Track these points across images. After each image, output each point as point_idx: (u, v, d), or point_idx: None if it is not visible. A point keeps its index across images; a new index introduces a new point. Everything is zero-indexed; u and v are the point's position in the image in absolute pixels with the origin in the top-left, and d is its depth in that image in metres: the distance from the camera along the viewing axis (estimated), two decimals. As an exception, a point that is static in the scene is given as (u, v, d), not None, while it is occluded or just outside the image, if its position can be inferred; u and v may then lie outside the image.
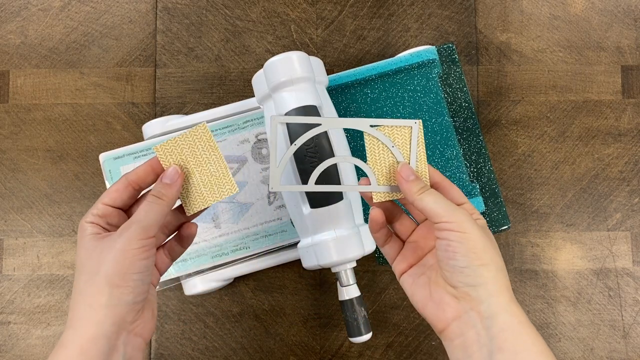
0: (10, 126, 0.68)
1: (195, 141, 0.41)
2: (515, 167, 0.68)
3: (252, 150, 0.60)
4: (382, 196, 0.43)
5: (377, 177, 0.42)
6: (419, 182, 0.40)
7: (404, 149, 0.42)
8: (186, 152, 0.41)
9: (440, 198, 0.39)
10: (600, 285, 0.66)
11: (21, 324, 0.65)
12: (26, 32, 0.69)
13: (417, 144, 0.42)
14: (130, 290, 0.36)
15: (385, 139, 0.42)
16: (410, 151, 0.42)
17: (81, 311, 0.36)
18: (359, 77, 0.62)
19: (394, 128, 0.42)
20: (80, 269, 0.37)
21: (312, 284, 0.66)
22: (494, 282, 0.38)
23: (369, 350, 0.65)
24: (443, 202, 0.39)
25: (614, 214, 0.67)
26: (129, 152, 0.60)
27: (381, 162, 0.42)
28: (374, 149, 0.42)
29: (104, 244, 0.37)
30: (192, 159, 0.41)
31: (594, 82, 0.69)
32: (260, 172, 0.60)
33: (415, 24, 0.70)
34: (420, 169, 0.42)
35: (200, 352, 0.65)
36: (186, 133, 0.41)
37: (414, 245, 0.44)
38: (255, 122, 0.61)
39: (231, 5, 0.69)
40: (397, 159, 0.42)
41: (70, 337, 0.36)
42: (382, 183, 0.42)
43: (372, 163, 0.42)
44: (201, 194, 0.42)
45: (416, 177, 0.41)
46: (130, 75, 0.69)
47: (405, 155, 0.42)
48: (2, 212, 0.66)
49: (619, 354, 0.65)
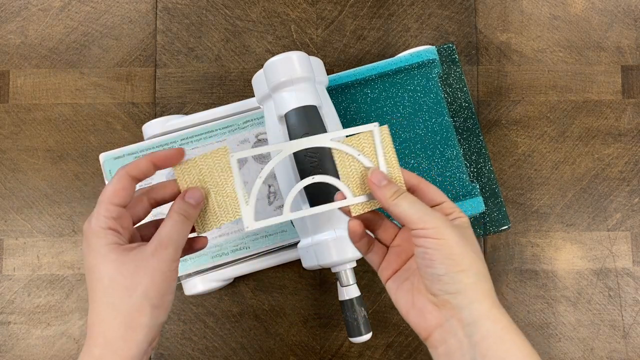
0: (10, 126, 0.68)
1: (215, 163, 0.41)
2: (515, 167, 0.68)
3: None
4: (360, 208, 0.41)
5: (352, 189, 0.41)
6: (392, 186, 0.39)
7: (372, 155, 0.41)
8: (205, 173, 0.41)
9: (416, 202, 0.38)
10: (600, 285, 0.66)
11: (21, 324, 0.65)
12: (26, 32, 0.69)
13: (383, 147, 0.41)
14: (165, 311, 0.36)
15: (350, 149, 0.41)
16: (377, 156, 0.41)
17: (117, 330, 0.34)
18: (359, 77, 0.62)
19: (358, 136, 0.41)
20: (104, 284, 0.35)
21: (312, 284, 0.66)
22: (473, 288, 0.37)
23: (369, 350, 0.65)
24: (418, 207, 0.38)
25: (614, 214, 0.67)
26: (129, 152, 0.60)
27: (353, 174, 0.41)
28: (343, 162, 0.41)
29: (137, 261, 0.35)
30: (210, 179, 0.41)
31: (594, 82, 0.69)
32: (259, 171, 0.60)
33: (415, 24, 0.70)
34: (393, 173, 0.41)
35: (200, 352, 0.65)
36: (207, 154, 0.41)
37: (398, 250, 0.43)
38: (255, 122, 0.61)
39: (231, 5, 0.69)
40: (366, 166, 0.41)
41: (106, 356, 0.34)
42: (358, 194, 0.41)
43: (344, 177, 0.41)
44: (215, 214, 0.41)
45: (389, 182, 0.39)
46: (131, 75, 0.69)
47: (374, 161, 0.41)
48: (2, 212, 0.66)
49: (619, 354, 0.65)
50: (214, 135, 0.60)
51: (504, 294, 0.66)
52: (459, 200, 0.59)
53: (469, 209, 0.59)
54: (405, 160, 0.61)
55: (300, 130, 0.51)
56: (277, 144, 0.42)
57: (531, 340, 0.65)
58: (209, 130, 0.61)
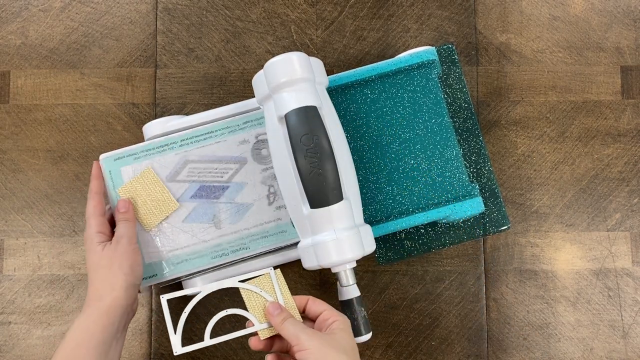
0: (10, 127, 0.68)
1: (145, 180, 0.59)
2: (514, 167, 0.68)
3: (251, 151, 0.60)
4: (266, 332, 0.52)
5: (258, 318, 0.52)
6: (282, 314, 0.50)
7: (271, 291, 0.53)
8: (139, 189, 0.59)
9: (298, 326, 0.48)
10: (600, 285, 0.66)
11: (22, 324, 0.65)
12: (27, 33, 0.69)
13: (279, 284, 0.53)
14: (134, 276, 0.54)
15: (254, 287, 0.53)
16: (275, 291, 0.53)
17: (105, 290, 0.53)
18: (358, 77, 0.62)
19: (259, 278, 0.54)
20: (95, 267, 0.54)
21: (312, 284, 0.66)
22: None
23: (369, 350, 0.65)
24: (300, 330, 0.48)
25: (614, 214, 0.67)
26: (129, 153, 0.60)
27: (258, 306, 0.53)
28: (250, 297, 0.53)
29: (110, 250, 0.54)
30: (144, 192, 0.59)
31: (594, 82, 0.69)
32: (260, 172, 0.60)
33: (415, 25, 0.70)
34: (287, 302, 0.52)
35: (200, 351, 0.65)
36: (137, 177, 0.59)
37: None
38: (255, 123, 0.61)
39: (231, 6, 0.70)
40: (267, 299, 0.53)
41: (96, 304, 0.52)
42: (263, 322, 0.52)
43: (251, 308, 0.53)
44: (153, 214, 0.59)
45: (281, 311, 0.51)
46: (131, 76, 0.69)
47: (273, 295, 0.53)
48: (3, 212, 0.67)
49: (619, 354, 0.66)
50: (214, 137, 0.61)
51: (504, 294, 0.66)
52: (459, 201, 0.60)
53: (469, 209, 0.60)
54: (405, 161, 0.61)
55: (300, 130, 0.51)
56: (197, 288, 0.55)
57: (531, 340, 0.66)
58: (209, 131, 0.61)
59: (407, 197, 0.60)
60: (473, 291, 0.66)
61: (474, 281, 0.66)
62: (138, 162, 0.60)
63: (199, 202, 0.60)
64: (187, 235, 0.59)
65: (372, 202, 0.61)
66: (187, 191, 0.60)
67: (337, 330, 0.48)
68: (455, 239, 0.63)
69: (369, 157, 0.61)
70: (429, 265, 0.66)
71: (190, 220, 0.59)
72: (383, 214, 0.60)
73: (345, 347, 0.47)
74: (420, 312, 0.66)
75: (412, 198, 0.60)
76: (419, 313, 0.66)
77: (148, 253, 0.59)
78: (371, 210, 0.60)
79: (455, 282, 0.66)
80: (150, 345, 0.66)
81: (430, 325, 0.66)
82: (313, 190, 0.51)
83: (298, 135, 0.51)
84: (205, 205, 0.59)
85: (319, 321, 0.51)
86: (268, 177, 0.60)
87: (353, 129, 0.62)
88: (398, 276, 0.66)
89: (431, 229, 0.63)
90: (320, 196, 0.51)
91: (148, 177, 0.60)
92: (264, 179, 0.60)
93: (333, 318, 0.50)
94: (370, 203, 0.60)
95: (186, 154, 0.60)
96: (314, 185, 0.51)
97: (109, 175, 0.60)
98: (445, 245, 0.63)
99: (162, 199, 0.59)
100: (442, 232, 0.63)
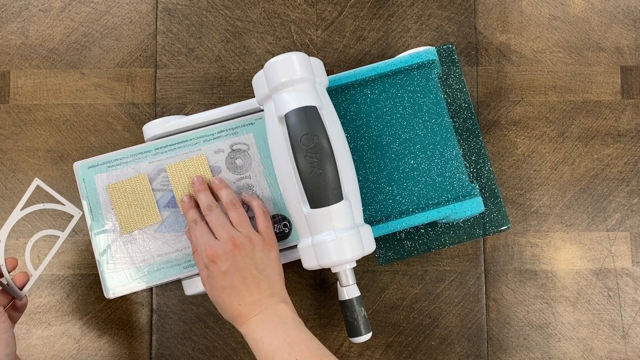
0: (11, 126, 0.68)
1: (137, 185, 0.59)
2: (514, 167, 0.68)
3: (226, 160, 0.60)
4: None
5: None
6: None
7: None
8: (129, 190, 0.59)
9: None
10: (600, 285, 0.67)
11: (22, 324, 0.65)
12: (27, 33, 0.69)
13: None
14: (5, 344, 0.53)
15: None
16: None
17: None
18: (359, 77, 0.62)
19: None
20: None
21: (312, 284, 0.66)
22: None
23: (369, 350, 0.66)
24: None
25: (614, 214, 0.67)
26: (103, 161, 0.59)
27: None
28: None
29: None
30: (133, 195, 0.59)
31: (594, 82, 0.69)
32: (234, 182, 0.59)
33: (415, 25, 0.70)
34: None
35: (200, 352, 0.65)
36: (130, 179, 0.59)
37: None
38: (230, 132, 0.60)
39: (231, 6, 0.70)
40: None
41: None
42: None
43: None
44: (134, 220, 0.58)
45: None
46: (131, 76, 0.69)
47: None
48: (3, 212, 0.67)
49: (619, 354, 0.66)
50: (188, 145, 0.60)
51: (504, 294, 0.66)
52: (459, 201, 0.60)
53: (469, 209, 0.60)
54: (405, 161, 0.61)
55: (300, 130, 0.51)
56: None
57: (531, 340, 0.66)
58: (184, 139, 0.59)
59: (407, 197, 0.60)
60: (473, 291, 0.66)
61: (474, 281, 0.66)
62: (111, 170, 0.59)
63: (171, 212, 0.59)
64: (159, 244, 0.59)
65: (372, 202, 0.61)
66: (160, 200, 0.59)
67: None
68: (455, 239, 0.63)
69: (369, 157, 0.61)
70: (429, 265, 0.66)
71: (162, 229, 0.59)
72: (383, 214, 0.60)
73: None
74: (420, 312, 0.66)
75: (412, 198, 0.60)
76: (419, 313, 0.66)
77: (119, 260, 0.58)
78: (371, 210, 0.60)
79: (455, 282, 0.66)
80: (151, 345, 0.66)
81: (430, 325, 0.66)
82: (313, 190, 0.52)
83: (298, 135, 0.51)
84: (178, 214, 0.59)
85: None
86: (243, 187, 0.60)
87: (353, 129, 0.62)
88: (398, 276, 0.66)
89: (431, 229, 0.63)
90: (320, 196, 0.51)
91: (141, 182, 0.59)
92: (239, 188, 0.59)
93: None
94: (370, 203, 0.60)
95: (160, 163, 0.60)
96: (313, 185, 0.51)
97: (83, 183, 0.59)
98: (445, 245, 0.63)
99: (148, 208, 0.59)
100: (442, 232, 0.63)
